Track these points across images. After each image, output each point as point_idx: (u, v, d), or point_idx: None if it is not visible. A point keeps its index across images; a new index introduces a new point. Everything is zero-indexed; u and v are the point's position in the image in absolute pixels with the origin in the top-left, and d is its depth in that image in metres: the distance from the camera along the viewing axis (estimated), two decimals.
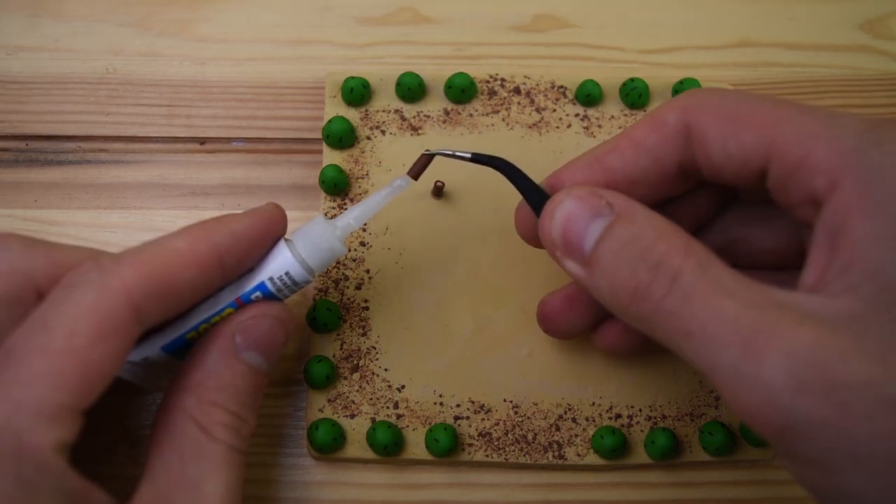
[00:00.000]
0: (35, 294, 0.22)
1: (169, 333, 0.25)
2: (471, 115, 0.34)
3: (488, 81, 0.35)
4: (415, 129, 0.34)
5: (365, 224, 0.32)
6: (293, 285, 0.26)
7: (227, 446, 0.24)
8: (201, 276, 0.23)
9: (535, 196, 0.26)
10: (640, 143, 0.25)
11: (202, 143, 0.35)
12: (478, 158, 0.27)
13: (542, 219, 0.24)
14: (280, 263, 0.25)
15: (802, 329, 0.18)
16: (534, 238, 0.26)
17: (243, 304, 0.25)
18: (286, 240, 0.26)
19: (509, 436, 0.30)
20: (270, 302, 0.26)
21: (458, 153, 0.28)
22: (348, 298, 0.31)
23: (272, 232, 0.25)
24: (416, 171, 0.29)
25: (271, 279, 0.25)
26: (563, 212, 0.23)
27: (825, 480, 0.18)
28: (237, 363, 0.25)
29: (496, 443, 0.30)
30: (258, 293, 0.25)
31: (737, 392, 0.19)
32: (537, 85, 0.35)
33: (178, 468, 0.23)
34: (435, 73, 0.35)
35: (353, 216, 0.27)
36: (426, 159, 0.29)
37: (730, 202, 0.28)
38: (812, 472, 0.19)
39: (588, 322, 0.29)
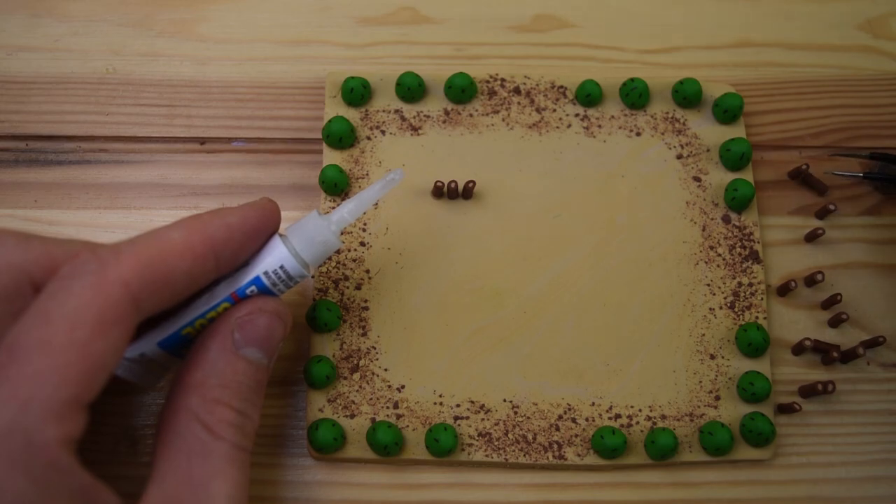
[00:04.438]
0: (31, 288, 0.22)
1: (165, 329, 0.25)
2: (471, 115, 0.34)
3: (488, 81, 0.35)
4: (415, 129, 0.34)
5: (365, 224, 0.32)
6: (288, 280, 0.26)
7: (232, 444, 0.24)
8: (196, 267, 0.23)
9: None
10: None
11: (202, 143, 0.35)
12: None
13: None
14: (275, 257, 0.25)
15: None
16: None
17: (239, 298, 0.25)
18: (281, 235, 0.26)
19: (509, 436, 0.30)
20: (266, 297, 0.26)
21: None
22: (348, 298, 0.31)
23: (267, 226, 0.25)
24: None
25: (266, 273, 0.25)
26: None
27: None
28: (238, 360, 0.25)
29: (496, 443, 0.30)
30: (253, 287, 0.25)
31: None
32: (537, 85, 0.35)
33: (185, 468, 0.23)
34: (435, 73, 0.35)
35: (346, 210, 0.27)
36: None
37: None
38: None
39: None
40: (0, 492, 0.19)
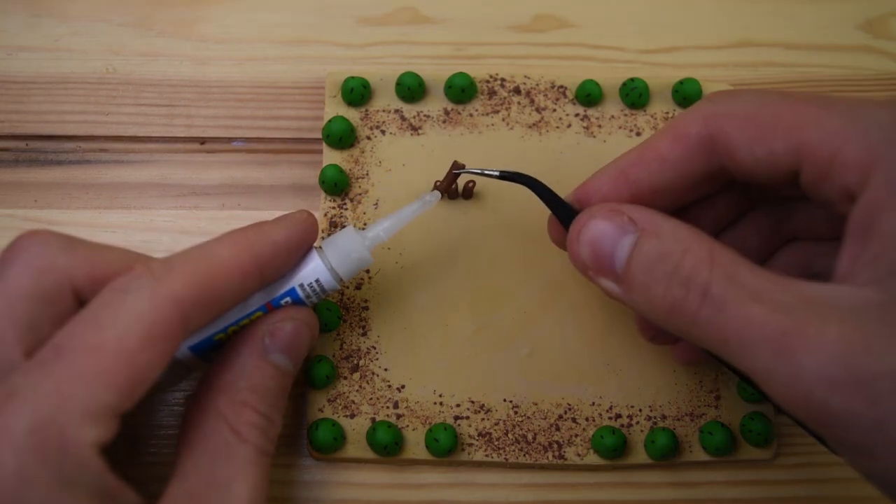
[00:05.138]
0: (72, 292, 0.23)
1: (197, 334, 0.25)
2: (471, 115, 0.34)
3: (488, 81, 0.35)
4: (415, 129, 0.34)
5: (365, 223, 0.32)
6: (321, 292, 0.27)
7: (255, 447, 0.24)
8: (243, 285, 0.24)
9: (562, 212, 0.26)
10: (664, 157, 0.25)
11: (202, 143, 0.35)
12: (504, 176, 0.28)
13: (569, 240, 0.24)
14: (311, 271, 0.26)
15: (828, 326, 0.19)
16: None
17: (273, 308, 0.26)
18: (317, 248, 0.27)
19: (509, 436, 0.30)
20: (298, 306, 0.26)
21: (486, 171, 0.29)
22: (348, 298, 0.32)
23: (307, 241, 0.26)
24: (444, 187, 0.31)
25: (301, 286, 0.26)
26: (588, 234, 0.24)
27: (870, 465, 0.19)
28: (266, 365, 0.25)
29: (496, 443, 0.30)
30: (288, 298, 0.26)
31: (777, 391, 0.20)
32: (537, 85, 0.35)
33: (208, 468, 0.23)
34: (435, 73, 0.35)
35: (382, 228, 0.27)
36: (454, 175, 0.30)
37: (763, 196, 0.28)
38: (858, 458, 0.20)
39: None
40: (26, 482, 0.19)
